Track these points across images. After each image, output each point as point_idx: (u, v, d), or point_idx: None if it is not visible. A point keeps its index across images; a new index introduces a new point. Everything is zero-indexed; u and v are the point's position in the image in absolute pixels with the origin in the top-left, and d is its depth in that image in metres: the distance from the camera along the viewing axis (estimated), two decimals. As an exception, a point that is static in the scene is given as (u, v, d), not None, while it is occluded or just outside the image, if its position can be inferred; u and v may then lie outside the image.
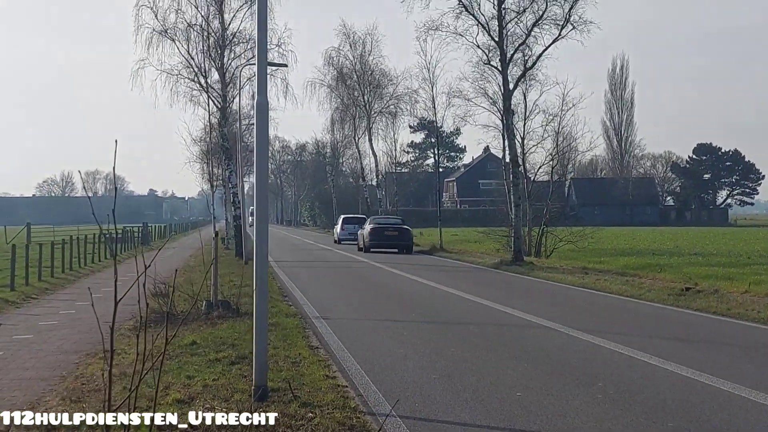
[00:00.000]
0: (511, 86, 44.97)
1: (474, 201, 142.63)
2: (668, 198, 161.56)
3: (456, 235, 79.01)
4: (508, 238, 45.84)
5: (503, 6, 43.80)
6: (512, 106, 46.25)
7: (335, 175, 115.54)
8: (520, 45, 44.72)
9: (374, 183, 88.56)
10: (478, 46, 45.10)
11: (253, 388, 11.14)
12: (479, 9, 44.37)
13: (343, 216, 74.06)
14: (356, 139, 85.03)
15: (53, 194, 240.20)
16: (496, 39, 44.07)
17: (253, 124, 32.22)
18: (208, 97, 48.81)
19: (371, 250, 53.52)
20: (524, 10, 44.00)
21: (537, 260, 43.52)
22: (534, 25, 43.85)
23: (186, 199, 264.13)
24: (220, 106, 49.10)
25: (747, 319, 19.89)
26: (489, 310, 21.77)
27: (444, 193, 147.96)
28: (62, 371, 13.58)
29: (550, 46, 44.22)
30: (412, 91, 74.77)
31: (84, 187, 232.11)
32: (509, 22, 44.18)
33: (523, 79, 46.95)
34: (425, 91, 69.15)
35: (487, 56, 45.20)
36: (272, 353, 14.15)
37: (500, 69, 44.66)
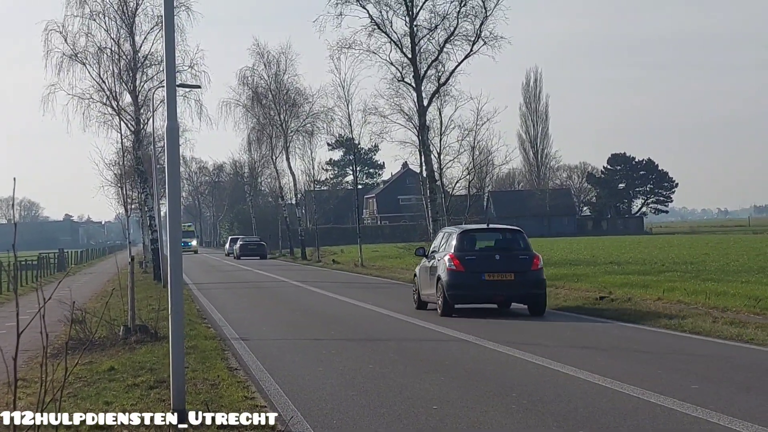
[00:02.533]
0: (425, 102, 45.49)
1: (394, 217, 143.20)
2: (585, 208, 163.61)
3: (377, 251, 79.25)
4: (428, 253, 46.10)
5: (415, 23, 44.31)
6: (428, 121, 46.70)
7: (254, 195, 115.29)
8: (433, 61, 45.26)
9: (293, 202, 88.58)
10: (392, 63, 45.65)
11: (170, 411, 11.17)
12: (391, 26, 44.92)
13: (230, 237, 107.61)
14: (274, 158, 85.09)
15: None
16: (409, 56, 44.57)
17: (168, 146, 32.13)
18: (121, 120, 48.50)
19: (241, 257, 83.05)
20: (436, 27, 44.58)
21: (456, 274, 43.81)
22: (446, 41, 44.44)
23: (103, 223, 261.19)
24: (133, 129, 48.83)
25: (659, 326, 20.32)
26: (407, 326, 21.97)
27: (364, 210, 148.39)
28: (-22, 402, 13.44)
29: (462, 61, 44.92)
30: (327, 109, 74.97)
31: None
32: (422, 39, 44.78)
33: (437, 95, 47.41)
34: (341, 108, 69.56)
35: (401, 73, 45.69)
36: (191, 376, 14.18)
37: (414, 85, 45.12)
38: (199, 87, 49.09)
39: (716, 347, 16.87)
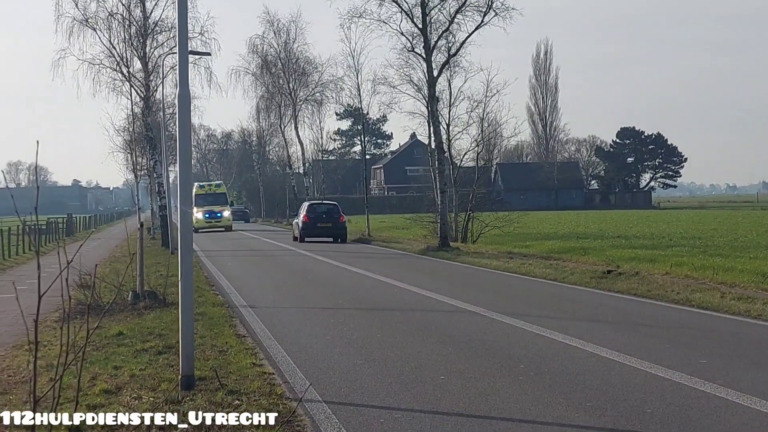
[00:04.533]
0: (435, 73, 45.21)
1: (401, 188, 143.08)
2: (593, 182, 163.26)
3: (384, 221, 79.30)
4: (435, 224, 46.13)
5: (426, -7, 43.98)
6: (437, 92, 46.48)
7: (262, 164, 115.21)
8: (443, 32, 44.95)
9: (301, 171, 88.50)
10: (402, 33, 45.28)
11: (179, 377, 11.22)
12: (403, -4, 44.50)
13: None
14: (282, 127, 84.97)
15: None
16: (420, 26, 44.27)
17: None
18: (131, 86, 48.49)
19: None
20: (447, -3, 44.21)
21: (463, 245, 43.88)
22: (457, 11, 44.12)
23: (111, 189, 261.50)
24: (143, 96, 48.79)
25: (666, 300, 20.31)
26: (415, 296, 21.99)
27: (371, 180, 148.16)
28: (-13, 364, 13.50)
29: (473, 32, 44.54)
30: (337, 78, 74.83)
31: (5, 180, 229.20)
32: (432, 9, 44.41)
33: (447, 66, 47.15)
34: (350, 78, 69.70)
35: (411, 43, 45.39)
36: (199, 342, 14.23)
37: (424, 56, 44.87)
38: (209, 54, 49.00)
39: (724, 323, 16.86)
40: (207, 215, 71.57)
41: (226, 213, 73.07)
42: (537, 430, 9.20)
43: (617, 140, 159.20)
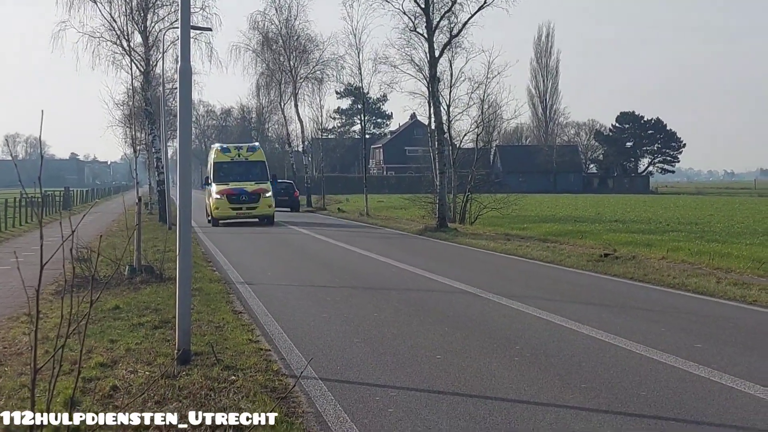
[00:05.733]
0: (437, 53, 45.08)
1: (401, 168, 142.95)
2: (591, 166, 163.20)
3: (382, 201, 79.29)
4: (434, 204, 46.11)
5: (429, -28, 43.81)
6: (438, 73, 46.37)
7: (261, 141, 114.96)
8: (446, 12, 44.83)
9: (300, 149, 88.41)
10: (405, 13, 45.14)
11: (176, 351, 11.24)
12: (405, -26, 44.34)
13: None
14: (282, 104, 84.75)
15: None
16: (422, 6, 44.12)
17: (177, 88, 31.87)
18: (131, 60, 48.37)
19: None
20: (450, -23, 44.04)
21: (461, 227, 43.89)
22: (460, -9, 43.93)
23: (109, 163, 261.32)
24: (143, 70, 48.67)
25: (663, 285, 20.33)
26: (412, 276, 22.01)
27: (371, 160, 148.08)
28: (-16, 336, 13.51)
29: (476, 13, 44.36)
30: (338, 56, 74.67)
31: (11, 152, 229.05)
32: (435, -12, 44.21)
33: (449, 47, 47.05)
34: (351, 57, 69.52)
35: (414, 23, 45.25)
36: (196, 318, 14.25)
37: (426, 36, 44.75)
38: (210, 30, 48.76)
39: (720, 308, 16.88)
40: (235, 197, 45.79)
41: (266, 194, 46.68)
42: (532, 411, 9.22)
43: (617, 124, 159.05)
